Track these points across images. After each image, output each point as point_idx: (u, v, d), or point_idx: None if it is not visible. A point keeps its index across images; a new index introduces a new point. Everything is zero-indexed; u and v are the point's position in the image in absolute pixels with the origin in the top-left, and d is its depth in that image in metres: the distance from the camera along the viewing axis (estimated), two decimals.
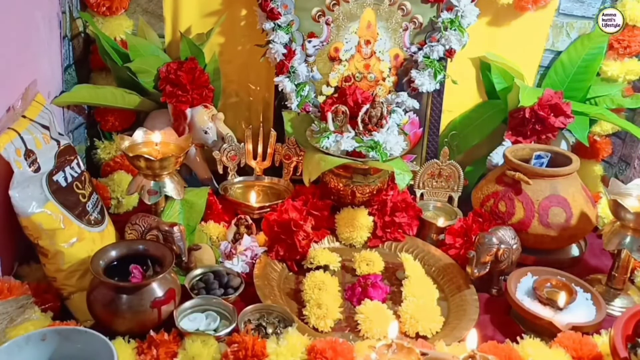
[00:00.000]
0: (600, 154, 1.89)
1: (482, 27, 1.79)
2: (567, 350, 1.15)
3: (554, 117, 1.67)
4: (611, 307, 1.38)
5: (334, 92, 1.74)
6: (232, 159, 1.68)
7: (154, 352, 1.07)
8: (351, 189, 1.57)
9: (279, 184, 1.73)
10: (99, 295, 1.15)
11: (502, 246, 1.37)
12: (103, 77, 1.78)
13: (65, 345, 0.99)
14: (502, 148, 1.70)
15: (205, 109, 1.65)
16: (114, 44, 1.70)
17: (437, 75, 1.70)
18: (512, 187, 1.54)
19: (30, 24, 1.43)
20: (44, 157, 1.24)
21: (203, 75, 1.67)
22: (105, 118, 1.76)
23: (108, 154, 1.75)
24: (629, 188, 1.42)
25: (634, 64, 1.81)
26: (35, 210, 1.15)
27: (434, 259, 1.52)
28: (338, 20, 1.70)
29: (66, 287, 1.23)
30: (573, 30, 1.84)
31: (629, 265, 1.41)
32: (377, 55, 1.74)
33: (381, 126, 1.54)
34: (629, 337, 1.07)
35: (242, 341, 1.08)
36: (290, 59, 1.65)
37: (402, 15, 1.71)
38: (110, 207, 1.60)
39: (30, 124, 1.25)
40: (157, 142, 1.45)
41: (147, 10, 1.76)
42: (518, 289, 1.34)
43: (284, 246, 1.45)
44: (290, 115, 1.69)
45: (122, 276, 1.20)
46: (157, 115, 1.71)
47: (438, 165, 1.71)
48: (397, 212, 1.57)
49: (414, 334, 1.26)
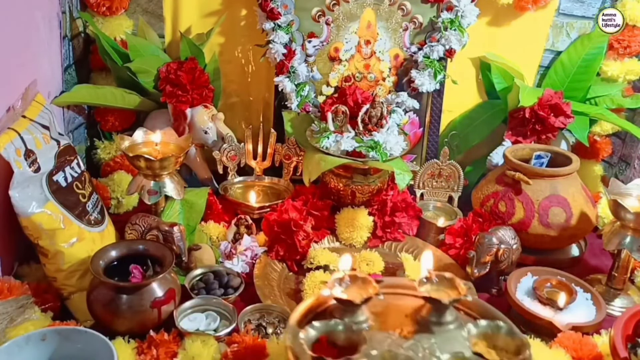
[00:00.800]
0: (600, 154, 1.89)
1: (482, 27, 1.79)
2: (567, 351, 1.15)
3: (554, 117, 1.67)
4: (611, 307, 1.38)
5: (334, 92, 1.74)
6: (232, 159, 1.68)
7: (154, 352, 1.07)
8: (351, 189, 1.57)
9: (279, 184, 1.73)
10: (99, 295, 1.15)
11: (502, 246, 1.37)
12: (103, 77, 1.78)
13: (65, 345, 0.99)
14: (502, 148, 1.70)
15: (205, 109, 1.65)
16: (114, 44, 1.70)
17: (437, 75, 1.70)
18: (512, 187, 1.54)
19: (30, 24, 1.43)
20: (44, 157, 1.24)
21: (203, 75, 1.67)
22: (105, 118, 1.76)
23: (108, 154, 1.75)
24: (629, 188, 1.42)
25: (634, 64, 1.81)
26: (35, 210, 1.15)
27: (434, 259, 1.51)
28: (338, 20, 1.70)
29: (66, 287, 1.23)
30: (573, 30, 1.84)
31: (629, 265, 1.41)
32: (377, 55, 1.74)
33: (381, 126, 1.54)
34: (629, 337, 1.07)
35: (242, 341, 1.08)
36: (290, 59, 1.65)
37: (402, 15, 1.71)
38: (110, 207, 1.60)
39: (30, 124, 1.25)
40: (157, 142, 1.45)
41: (147, 10, 1.77)
42: (518, 289, 1.34)
43: (284, 246, 1.45)
44: (290, 115, 1.69)
45: (122, 276, 1.20)
46: (157, 115, 1.71)
47: (438, 165, 1.71)
48: (397, 212, 1.57)
49: None
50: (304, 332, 0.77)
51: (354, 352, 0.74)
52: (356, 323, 0.84)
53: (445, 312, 0.85)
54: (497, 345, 0.78)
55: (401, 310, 0.89)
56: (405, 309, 0.89)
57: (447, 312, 0.85)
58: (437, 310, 0.85)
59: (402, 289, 0.94)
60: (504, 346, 0.78)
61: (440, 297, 0.83)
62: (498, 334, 0.79)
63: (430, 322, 0.85)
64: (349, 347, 0.75)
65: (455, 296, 0.84)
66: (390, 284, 0.95)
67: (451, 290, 0.86)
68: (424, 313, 0.87)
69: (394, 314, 0.89)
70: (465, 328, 0.80)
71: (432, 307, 0.85)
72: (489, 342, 0.79)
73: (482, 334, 0.79)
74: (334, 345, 0.78)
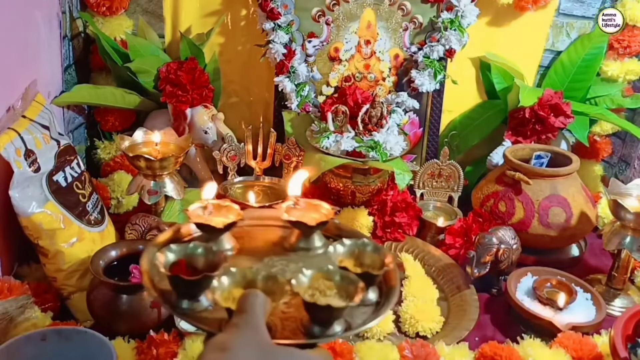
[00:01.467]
0: (600, 154, 1.89)
1: (482, 27, 1.79)
2: (567, 351, 1.15)
3: (554, 117, 1.67)
4: (611, 307, 1.38)
5: (334, 92, 1.74)
6: (232, 159, 1.68)
7: (154, 352, 1.07)
8: (351, 189, 1.57)
9: (279, 184, 1.73)
10: (99, 295, 1.15)
11: (502, 246, 1.37)
12: (103, 77, 1.78)
13: (65, 345, 0.99)
14: (502, 148, 1.70)
15: (205, 109, 1.65)
16: (114, 44, 1.70)
17: (437, 75, 1.70)
18: (512, 187, 1.54)
19: (30, 24, 1.43)
20: (44, 157, 1.24)
21: (203, 75, 1.67)
22: (105, 118, 1.75)
23: (108, 154, 1.75)
24: (629, 188, 1.42)
25: (634, 64, 1.81)
26: (35, 210, 1.15)
27: (434, 259, 1.51)
28: (338, 20, 1.70)
29: (66, 287, 1.23)
30: (573, 30, 1.84)
31: (629, 265, 1.41)
32: (377, 55, 1.74)
33: (381, 126, 1.54)
34: (629, 337, 1.07)
35: None
36: (290, 59, 1.65)
37: (402, 15, 1.71)
38: (110, 207, 1.60)
39: (30, 124, 1.25)
40: (157, 142, 1.45)
41: (147, 10, 1.76)
42: (518, 289, 1.34)
43: None
44: (290, 115, 1.69)
45: (122, 276, 1.20)
46: (157, 115, 1.71)
47: (438, 165, 1.71)
48: (397, 212, 1.57)
49: (414, 334, 1.27)
50: (160, 255, 0.72)
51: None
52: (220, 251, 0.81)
53: (313, 238, 0.83)
54: (364, 263, 0.77)
55: (269, 239, 0.87)
56: (273, 238, 0.87)
57: (316, 237, 0.83)
58: (305, 235, 0.83)
59: (270, 220, 0.91)
60: (371, 263, 0.76)
61: (306, 221, 0.81)
62: (364, 251, 0.78)
63: (298, 248, 0.83)
64: (209, 270, 0.70)
65: (319, 219, 0.82)
66: (257, 214, 0.92)
67: (316, 214, 0.84)
68: (292, 240, 0.84)
69: (261, 242, 0.86)
70: (331, 247, 0.78)
71: (300, 234, 0.83)
72: (356, 261, 0.77)
73: (349, 253, 0.78)
74: (194, 270, 0.73)
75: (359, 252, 0.78)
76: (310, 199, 0.87)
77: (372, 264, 0.76)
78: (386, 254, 0.76)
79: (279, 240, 0.86)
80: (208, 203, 0.83)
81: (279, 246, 0.85)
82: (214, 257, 0.74)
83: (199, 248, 0.75)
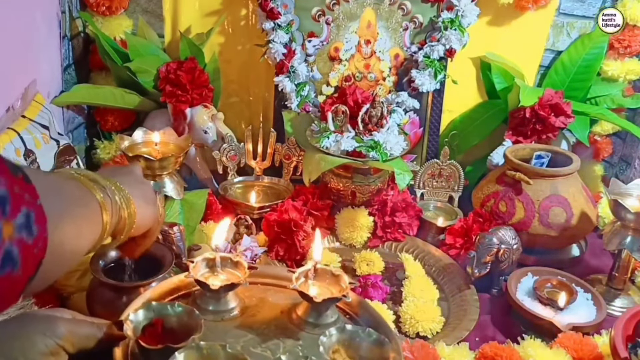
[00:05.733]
0: (601, 154, 1.89)
1: (483, 27, 1.79)
2: (567, 351, 1.15)
3: (554, 117, 1.67)
4: (612, 307, 1.38)
5: (334, 92, 1.74)
6: (232, 159, 1.68)
7: None
8: (351, 189, 1.57)
9: (279, 184, 1.73)
10: (98, 295, 1.14)
11: (502, 246, 1.37)
12: (103, 77, 1.78)
13: None
14: (502, 148, 1.70)
15: (205, 108, 1.65)
16: (113, 43, 1.70)
17: (438, 75, 1.70)
18: (513, 187, 1.54)
19: (30, 24, 1.43)
20: (44, 157, 1.24)
21: (203, 75, 1.67)
22: (105, 118, 1.75)
23: (108, 154, 1.75)
24: (629, 188, 1.42)
25: (635, 64, 1.81)
26: None
27: (434, 259, 1.51)
28: (338, 20, 1.70)
29: (66, 287, 1.23)
30: (573, 30, 1.84)
31: (630, 266, 1.41)
32: (377, 55, 1.74)
33: (381, 126, 1.54)
34: (630, 338, 1.07)
35: None
36: (290, 58, 1.65)
37: (402, 14, 1.71)
38: None
39: (30, 123, 1.25)
40: (157, 142, 1.45)
41: (147, 10, 1.76)
42: (518, 289, 1.34)
43: (284, 246, 1.45)
44: (290, 115, 1.68)
45: (122, 276, 1.19)
46: (157, 115, 1.71)
47: (438, 165, 1.71)
48: (397, 212, 1.57)
49: (414, 334, 1.26)
50: (133, 313, 0.68)
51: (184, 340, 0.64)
52: (219, 312, 0.74)
53: (324, 313, 0.74)
54: (361, 354, 0.67)
55: (280, 304, 0.78)
56: (284, 304, 0.78)
57: (328, 312, 0.74)
58: (314, 309, 0.74)
59: (281, 280, 0.82)
60: (368, 355, 0.67)
61: (312, 295, 0.72)
62: (364, 342, 0.68)
63: (306, 323, 0.74)
64: (183, 335, 0.65)
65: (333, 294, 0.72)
66: (273, 273, 0.83)
67: (334, 287, 0.74)
68: (300, 312, 0.75)
69: (269, 308, 0.77)
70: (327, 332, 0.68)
71: (310, 305, 0.74)
72: (354, 350, 0.67)
73: (346, 341, 0.67)
74: (170, 332, 0.67)
75: (359, 341, 0.68)
76: (332, 268, 0.77)
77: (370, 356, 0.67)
78: (389, 351, 0.66)
79: (289, 308, 0.77)
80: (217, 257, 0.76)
81: (287, 315, 0.76)
82: (191, 321, 0.68)
83: (175, 308, 0.70)
